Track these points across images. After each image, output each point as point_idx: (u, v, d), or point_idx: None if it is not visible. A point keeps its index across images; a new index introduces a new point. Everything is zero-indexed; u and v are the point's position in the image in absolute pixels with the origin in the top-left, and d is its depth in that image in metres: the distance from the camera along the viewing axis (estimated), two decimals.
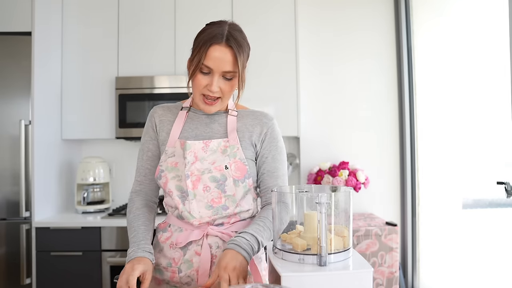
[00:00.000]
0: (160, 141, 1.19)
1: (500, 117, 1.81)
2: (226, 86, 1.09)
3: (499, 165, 1.91)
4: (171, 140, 1.16)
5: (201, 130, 1.17)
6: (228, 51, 1.06)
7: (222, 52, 1.06)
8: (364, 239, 2.29)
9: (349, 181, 2.50)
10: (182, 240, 1.12)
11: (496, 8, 1.86)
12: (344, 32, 2.83)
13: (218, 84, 1.07)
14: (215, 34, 1.07)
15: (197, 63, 1.06)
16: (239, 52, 1.07)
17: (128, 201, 1.21)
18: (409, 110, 2.72)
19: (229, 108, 1.19)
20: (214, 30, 1.08)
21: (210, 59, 1.05)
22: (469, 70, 2.14)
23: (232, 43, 1.06)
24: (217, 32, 1.07)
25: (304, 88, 2.78)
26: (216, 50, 1.05)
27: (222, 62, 1.06)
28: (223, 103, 1.13)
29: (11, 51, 2.29)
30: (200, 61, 1.06)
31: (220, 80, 1.08)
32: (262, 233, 1.06)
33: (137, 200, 1.20)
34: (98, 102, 2.58)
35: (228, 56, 1.06)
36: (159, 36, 2.59)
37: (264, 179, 1.17)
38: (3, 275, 2.22)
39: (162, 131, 1.18)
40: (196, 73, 1.08)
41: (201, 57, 1.06)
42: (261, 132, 1.17)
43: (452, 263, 2.34)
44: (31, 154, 2.26)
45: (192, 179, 1.11)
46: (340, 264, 0.85)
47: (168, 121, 1.19)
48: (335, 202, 0.88)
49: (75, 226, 2.26)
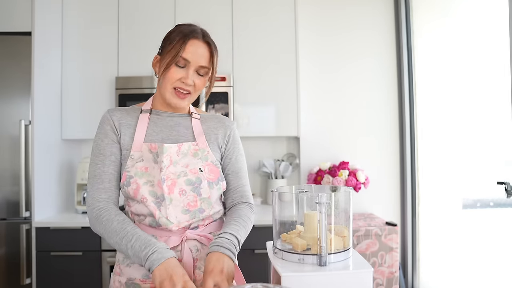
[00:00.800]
0: (123, 145, 1.12)
1: (500, 117, 1.81)
2: (199, 82, 1.11)
3: (499, 165, 1.91)
4: (136, 144, 1.10)
5: (167, 133, 1.14)
6: (206, 47, 1.10)
7: (200, 47, 1.09)
8: (364, 239, 2.29)
9: (349, 181, 2.50)
10: None
11: (496, 7, 1.86)
12: (344, 32, 2.83)
13: (192, 77, 1.09)
14: (193, 29, 1.10)
15: (174, 56, 1.07)
16: (215, 50, 1.12)
17: (94, 212, 1.08)
18: (409, 110, 2.72)
19: (192, 111, 1.21)
20: (190, 27, 1.11)
21: (189, 52, 1.07)
22: (469, 69, 2.14)
23: (209, 39, 1.12)
24: (194, 29, 1.11)
25: (304, 88, 2.79)
26: (194, 44, 1.08)
27: (200, 56, 1.09)
28: (191, 98, 1.13)
29: (11, 51, 2.29)
30: (178, 54, 1.07)
31: (194, 74, 1.10)
32: (240, 232, 1.06)
33: (111, 207, 1.10)
34: (98, 102, 2.57)
35: (205, 52, 1.10)
36: (159, 36, 2.56)
37: (229, 180, 1.20)
38: (3, 275, 2.22)
39: (124, 134, 1.12)
40: (171, 66, 1.08)
41: (179, 50, 1.07)
42: (225, 134, 1.20)
43: (452, 263, 2.34)
44: (31, 154, 2.26)
45: (167, 183, 1.07)
46: (340, 264, 0.85)
47: (129, 124, 1.13)
48: (335, 202, 0.88)
49: (75, 226, 2.25)
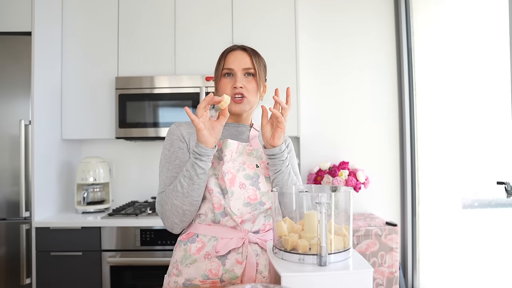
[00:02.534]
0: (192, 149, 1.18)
1: (500, 117, 1.81)
2: (248, 84, 1.19)
3: (499, 165, 1.91)
4: None
5: (229, 137, 1.25)
6: (244, 53, 1.22)
7: (239, 54, 1.21)
8: (364, 239, 2.29)
9: (349, 181, 2.50)
10: (221, 249, 1.09)
11: (496, 8, 1.86)
12: (345, 34, 2.83)
13: (241, 81, 1.18)
14: (230, 46, 1.25)
15: (220, 70, 1.21)
16: (255, 55, 1.23)
17: (158, 208, 1.14)
18: (409, 110, 2.72)
19: (253, 123, 1.31)
20: (228, 47, 1.26)
21: (229, 62, 1.20)
22: (469, 70, 2.14)
23: (246, 47, 1.24)
24: (232, 45, 1.25)
25: (304, 88, 2.79)
26: (233, 54, 1.22)
27: (241, 61, 1.20)
28: (249, 102, 1.20)
29: (11, 51, 2.29)
30: (221, 67, 1.21)
31: (242, 77, 1.19)
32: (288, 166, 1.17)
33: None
34: (98, 102, 2.58)
35: (245, 56, 1.21)
36: (159, 36, 2.59)
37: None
38: (3, 275, 2.22)
39: (192, 141, 1.20)
40: (221, 78, 1.21)
41: (222, 64, 1.21)
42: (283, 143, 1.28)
43: (452, 263, 2.34)
44: (31, 154, 2.26)
45: (228, 177, 1.13)
46: (340, 264, 0.85)
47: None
48: (335, 202, 0.88)
49: (75, 226, 2.26)
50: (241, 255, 1.09)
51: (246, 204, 1.12)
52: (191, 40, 2.58)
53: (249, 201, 1.13)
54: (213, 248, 1.10)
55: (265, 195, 1.15)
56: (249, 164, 1.19)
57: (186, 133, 1.20)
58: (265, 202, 1.15)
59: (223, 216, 1.12)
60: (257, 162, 1.20)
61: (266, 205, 1.14)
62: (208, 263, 1.10)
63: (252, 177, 1.16)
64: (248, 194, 1.14)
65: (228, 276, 1.08)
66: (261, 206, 1.14)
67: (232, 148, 1.17)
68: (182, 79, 2.51)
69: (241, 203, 1.12)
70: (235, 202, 1.11)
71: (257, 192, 1.15)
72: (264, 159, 1.20)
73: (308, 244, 0.87)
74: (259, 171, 1.18)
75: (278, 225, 0.92)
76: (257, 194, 1.15)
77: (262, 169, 1.19)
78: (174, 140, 1.19)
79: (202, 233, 1.13)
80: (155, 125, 2.51)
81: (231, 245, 1.09)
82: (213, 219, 1.13)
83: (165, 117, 2.51)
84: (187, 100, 2.50)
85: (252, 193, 1.14)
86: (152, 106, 2.51)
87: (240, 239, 1.10)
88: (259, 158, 1.21)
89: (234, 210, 1.11)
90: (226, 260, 1.09)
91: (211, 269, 1.09)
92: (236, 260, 1.09)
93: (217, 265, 1.09)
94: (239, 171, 1.16)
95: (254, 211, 1.13)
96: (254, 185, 1.16)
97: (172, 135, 1.20)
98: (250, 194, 1.14)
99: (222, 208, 1.11)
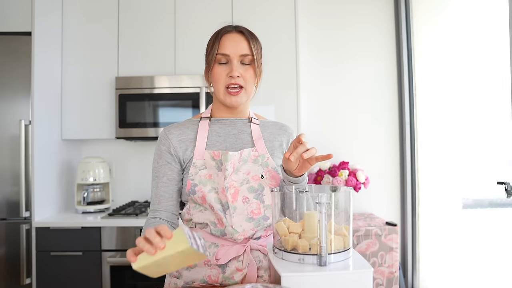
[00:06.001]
0: (187, 159, 1.11)
1: (500, 117, 1.80)
2: (246, 73, 1.08)
3: (499, 165, 1.91)
4: (198, 152, 1.09)
5: (231, 142, 1.14)
6: (241, 36, 1.09)
7: (234, 38, 1.08)
8: (364, 239, 2.29)
9: (349, 181, 2.50)
10: (222, 257, 1.05)
11: (496, 7, 1.86)
12: (344, 32, 2.83)
13: (237, 69, 1.07)
14: (223, 27, 1.11)
15: (213, 55, 1.07)
16: (252, 38, 1.10)
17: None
18: (409, 110, 2.72)
19: (251, 116, 1.20)
20: (221, 27, 1.12)
21: (225, 46, 1.07)
22: (469, 69, 2.14)
23: (242, 29, 1.10)
24: (224, 27, 1.11)
25: (304, 88, 2.79)
26: (228, 38, 1.08)
27: (237, 46, 1.07)
28: (246, 92, 1.11)
29: (11, 51, 2.29)
30: (215, 52, 1.07)
31: (239, 65, 1.08)
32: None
33: (154, 221, 1.10)
34: (98, 102, 2.57)
35: (241, 40, 1.08)
36: (159, 36, 2.59)
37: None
38: (3, 275, 2.22)
39: (186, 150, 1.11)
40: (214, 65, 1.08)
41: (215, 48, 1.07)
42: (288, 141, 1.20)
43: (452, 263, 2.34)
44: (31, 154, 2.26)
45: (231, 191, 1.06)
46: (340, 264, 0.85)
47: (190, 139, 1.12)
48: (335, 202, 0.88)
49: (75, 226, 2.25)
50: (242, 263, 1.06)
51: (249, 219, 1.06)
52: (191, 40, 2.58)
53: (252, 215, 1.07)
54: (213, 256, 1.06)
55: (269, 209, 1.09)
56: (253, 175, 1.10)
57: (176, 141, 1.11)
58: (268, 217, 1.09)
59: (225, 232, 1.07)
60: (263, 171, 1.10)
61: (269, 220, 1.09)
62: (208, 269, 1.07)
63: (256, 189, 1.09)
64: (252, 208, 1.07)
65: (227, 283, 1.06)
66: (264, 221, 1.08)
67: (234, 159, 1.08)
68: (182, 79, 2.51)
69: (243, 218, 1.06)
70: (237, 218, 1.05)
71: (261, 206, 1.08)
72: (270, 167, 1.12)
73: (308, 244, 0.87)
74: (264, 182, 1.09)
75: (278, 225, 0.92)
76: (260, 207, 1.08)
77: (268, 180, 1.10)
78: (163, 152, 1.12)
79: (203, 238, 1.11)
80: (155, 125, 2.51)
81: (232, 253, 1.05)
82: (213, 231, 1.08)
83: (165, 117, 2.51)
84: (187, 100, 2.50)
85: (256, 207, 1.08)
86: (152, 106, 2.51)
87: (241, 247, 1.06)
88: (265, 165, 1.11)
89: (236, 227, 1.05)
90: (226, 268, 1.07)
91: (211, 276, 1.07)
92: (236, 268, 1.06)
93: (217, 272, 1.07)
94: (242, 184, 1.08)
95: (257, 227, 1.07)
96: (258, 198, 1.08)
97: (162, 145, 1.13)
98: (253, 208, 1.07)
99: (224, 226, 1.05)
